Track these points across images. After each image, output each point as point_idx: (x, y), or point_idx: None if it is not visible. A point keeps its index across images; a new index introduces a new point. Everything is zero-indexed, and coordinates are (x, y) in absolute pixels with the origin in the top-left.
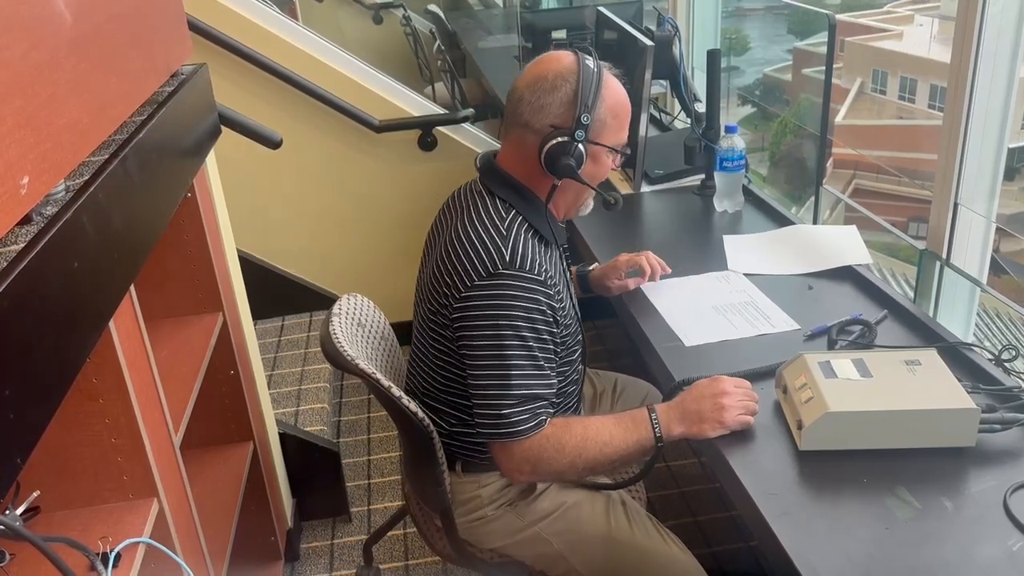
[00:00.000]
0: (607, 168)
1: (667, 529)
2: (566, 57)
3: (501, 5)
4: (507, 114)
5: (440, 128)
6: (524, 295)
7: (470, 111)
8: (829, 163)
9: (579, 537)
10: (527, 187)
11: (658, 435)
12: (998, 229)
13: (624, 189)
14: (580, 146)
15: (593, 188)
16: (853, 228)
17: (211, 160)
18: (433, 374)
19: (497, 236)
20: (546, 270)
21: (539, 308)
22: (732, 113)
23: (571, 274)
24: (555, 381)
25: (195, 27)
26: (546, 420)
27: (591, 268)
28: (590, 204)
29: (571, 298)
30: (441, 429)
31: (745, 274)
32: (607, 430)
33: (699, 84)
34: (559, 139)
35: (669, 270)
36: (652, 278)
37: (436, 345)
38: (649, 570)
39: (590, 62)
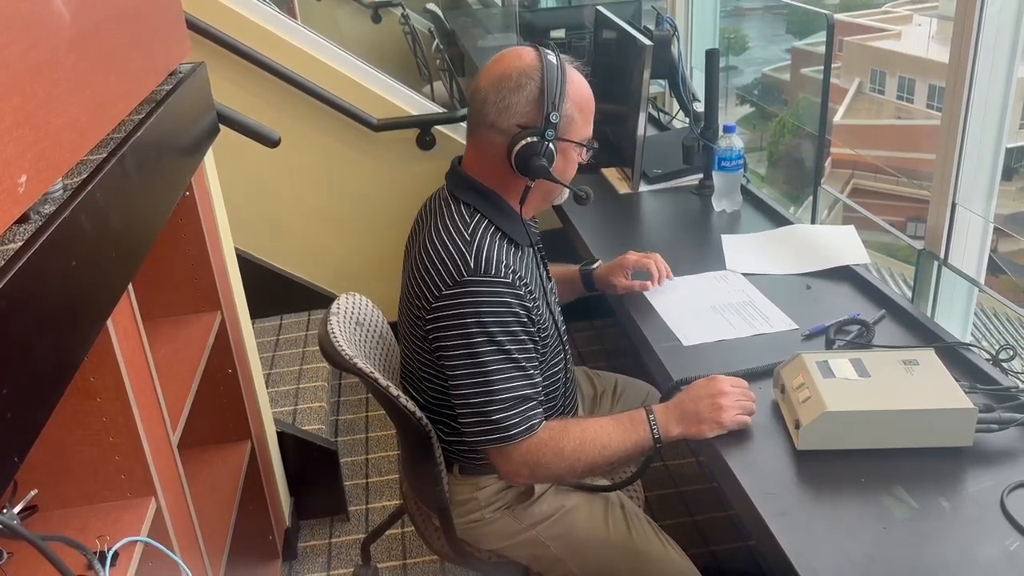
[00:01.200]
0: (575, 164)
1: (665, 533)
2: (528, 54)
3: (500, 4)
4: (471, 115)
5: (439, 127)
6: (492, 299)
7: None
8: (827, 163)
9: (577, 540)
10: (493, 190)
11: (656, 436)
12: (996, 229)
13: (622, 189)
14: (550, 145)
15: (566, 186)
16: (851, 228)
17: (209, 159)
18: (422, 386)
19: (461, 243)
20: (514, 271)
21: (510, 310)
22: (730, 113)
23: (573, 272)
24: (540, 380)
25: (193, 26)
26: (538, 423)
27: (595, 266)
28: (565, 194)
29: (548, 301)
30: (437, 435)
31: (743, 274)
32: (605, 432)
33: (698, 84)
34: (529, 139)
35: (672, 277)
36: (659, 282)
37: (419, 358)
38: (647, 574)
39: (552, 57)
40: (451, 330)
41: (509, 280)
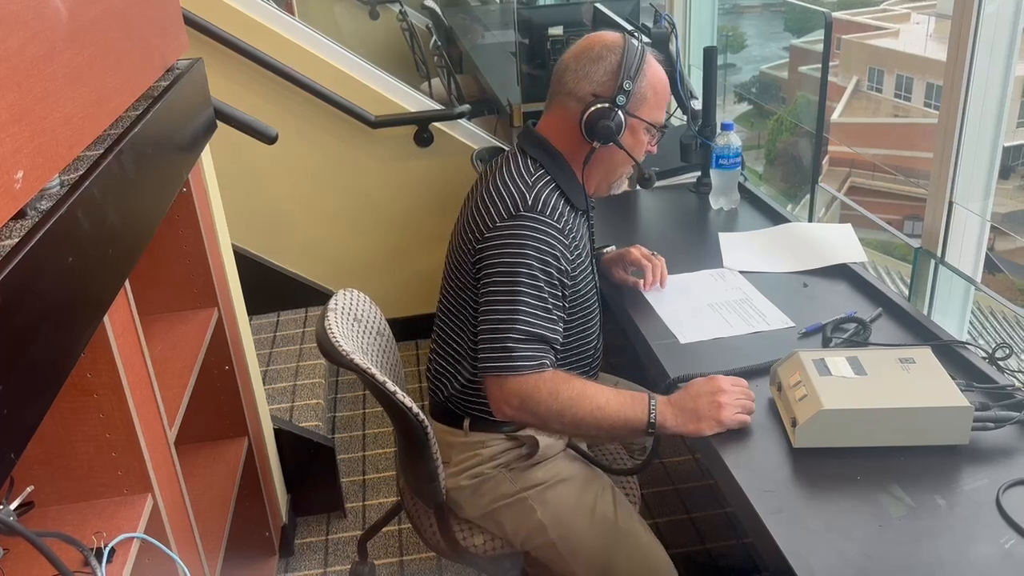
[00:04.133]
0: (644, 145)
1: (650, 529)
2: (613, 34)
3: (498, 1)
4: (552, 85)
5: (436, 124)
6: (541, 236)
7: (466, 107)
8: (825, 161)
9: (563, 510)
10: (561, 153)
11: (652, 420)
12: (993, 227)
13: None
14: (620, 113)
15: (632, 157)
16: (848, 226)
17: (207, 155)
18: (454, 325)
19: (522, 184)
20: (567, 222)
21: (554, 253)
22: (728, 111)
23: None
24: (561, 329)
25: (191, 21)
26: (547, 365)
27: (607, 250)
28: (624, 182)
29: (592, 267)
30: (456, 382)
31: (740, 272)
32: (604, 397)
33: (695, 81)
34: (600, 105)
35: (663, 288)
36: (646, 287)
37: (460, 295)
38: (622, 553)
39: (635, 41)
40: (498, 259)
41: (560, 226)
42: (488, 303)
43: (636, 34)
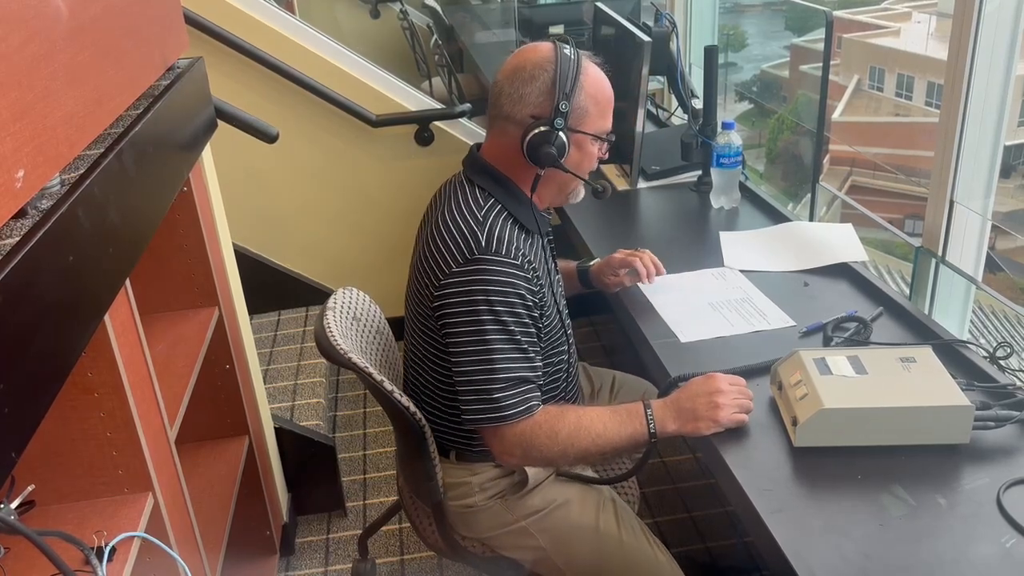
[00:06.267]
0: (593, 156)
1: (653, 535)
2: (544, 47)
3: (499, 0)
4: (489, 107)
5: (437, 123)
6: (500, 279)
7: (467, 106)
8: (826, 160)
9: (565, 534)
10: (508, 177)
11: (652, 431)
12: (994, 226)
13: (620, 185)
14: (561, 134)
15: (579, 177)
16: (849, 225)
17: (207, 154)
18: (424, 365)
19: (474, 223)
20: (524, 255)
21: (517, 292)
22: (729, 109)
23: (571, 269)
24: (540, 364)
25: (192, 20)
26: (536, 406)
27: (591, 263)
28: (580, 192)
29: (553, 290)
30: (435, 420)
31: (741, 271)
32: (601, 422)
33: (696, 80)
34: (540, 128)
35: (664, 271)
36: (648, 279)
37: (424, 336)
38: (631, 572)
39: (568, 51)
40: (459, 307)
41: (518, 262)
42: (460, 353)
43: (569, 40)
